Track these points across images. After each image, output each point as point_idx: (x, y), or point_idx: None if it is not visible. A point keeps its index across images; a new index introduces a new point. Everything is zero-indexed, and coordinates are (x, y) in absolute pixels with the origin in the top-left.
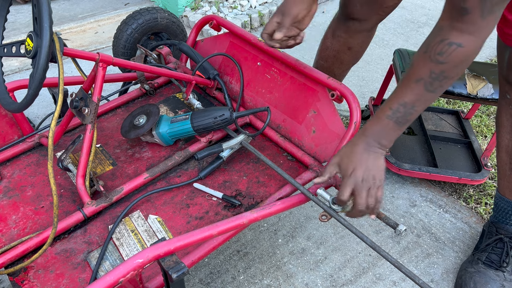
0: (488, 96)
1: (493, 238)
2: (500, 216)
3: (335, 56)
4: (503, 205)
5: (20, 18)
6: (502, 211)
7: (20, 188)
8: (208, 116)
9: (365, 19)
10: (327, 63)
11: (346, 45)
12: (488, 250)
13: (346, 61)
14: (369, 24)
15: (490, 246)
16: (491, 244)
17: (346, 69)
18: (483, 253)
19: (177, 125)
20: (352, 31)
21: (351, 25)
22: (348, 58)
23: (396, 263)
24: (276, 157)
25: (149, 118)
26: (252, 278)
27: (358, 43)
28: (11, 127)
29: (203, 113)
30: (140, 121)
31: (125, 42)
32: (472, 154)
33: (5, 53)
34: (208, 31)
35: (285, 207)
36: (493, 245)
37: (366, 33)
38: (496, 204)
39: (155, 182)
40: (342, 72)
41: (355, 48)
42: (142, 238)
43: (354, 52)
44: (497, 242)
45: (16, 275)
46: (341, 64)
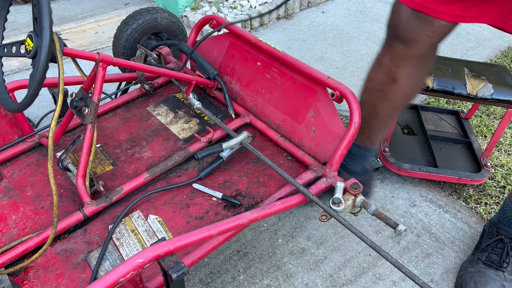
0: (488, 96)
1: (494, 238)
2: (503, 220)
3: (379, 89)
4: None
5: (20, 18)
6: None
7: (20, 188)
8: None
9: (411, 40)
10: (370, 97)
11: (390, 75)
12: (488, 250)
13: (392, 98)
14: (418, 49)
15: (491, 246)
16: (491, 244)
17: (392, 106)
18: (483, 253)
19: None
20: (398, 57)
21: (396, 49)
22: (394, 93)
23: (396, 263)
24: (276, 157)
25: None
26: (252, 278)
27: (406, 74)
28: (11, 127)
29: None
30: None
31: (125, 42)
32: (472, 154)
33: (5, 53)
34: (208, 31)
35: (285, 207)
36: (494, 245)
37: (415, 61)
38: (503, 210)
39: (155, 182)
40: (388, 111)
41: (402, 80)
42: (142, 238)
43: (401, 86)
44: (497, 243)
45: (16, 275)
46: (386, 101)
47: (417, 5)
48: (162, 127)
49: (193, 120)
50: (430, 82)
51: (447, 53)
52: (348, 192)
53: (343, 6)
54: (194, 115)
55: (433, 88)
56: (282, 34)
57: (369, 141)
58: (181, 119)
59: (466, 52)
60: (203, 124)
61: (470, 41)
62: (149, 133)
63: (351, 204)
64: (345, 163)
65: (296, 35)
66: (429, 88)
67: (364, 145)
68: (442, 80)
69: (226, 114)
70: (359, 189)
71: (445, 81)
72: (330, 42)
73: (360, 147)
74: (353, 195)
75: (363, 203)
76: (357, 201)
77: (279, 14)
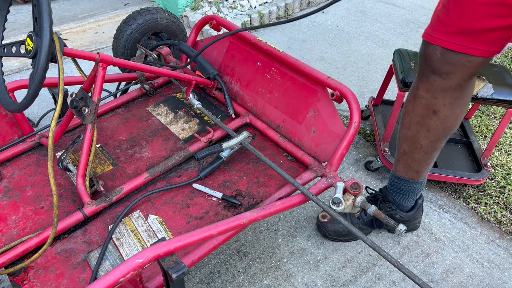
0: (488, 96)
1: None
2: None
3: (419, 122)
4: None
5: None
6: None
7: (20, 188)
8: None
9: (448, 72)
10: (410, 131)
11: (430, 107)
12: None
13: (434, 128)
14: (455, 80)
15: (366, 197)
16: (368, 197)
17: (436, 139)
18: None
19: None
20: (436, 89)
21: (433, 82)
22: (436, 124)
23: (396, 263)
24: (276, 157)
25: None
26: (252, 278)
27: (445, 105)
28: (11, 127)
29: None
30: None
31: (125, 42)
32: (472, 154)
33: (5, 53)
34: (208, 31)
35: (285, 207)
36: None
37: (454, 92)
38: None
39: (155, 182)
40: (431, 143)
41: (442, 111)
42: (142, 238)
43: (442, 117)
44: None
45: (16, 275)
46: (428, 132)
47: (454, 45)
48: (162, 127)
49: (193, 120)
50: None
51: None
52: (348, 192)
53: (343, 6)
54: (194, 115)
55: None
56: (282, 34)
57: (416, 174)
58: (181, 119)
59: None
60: (203, 124)
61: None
62: (149, 133)
63: (351, 204)
64: (396, 199)
65: (296, 35)
66: None
67: (411, 178)
68: None
69: (226, 114)
70: (359, 189)
71: None
72: (330, 42)
73: (408, 181)
74: (353, 195)
75: (363, 203)
76: (357, 201)
77: (279, 14)
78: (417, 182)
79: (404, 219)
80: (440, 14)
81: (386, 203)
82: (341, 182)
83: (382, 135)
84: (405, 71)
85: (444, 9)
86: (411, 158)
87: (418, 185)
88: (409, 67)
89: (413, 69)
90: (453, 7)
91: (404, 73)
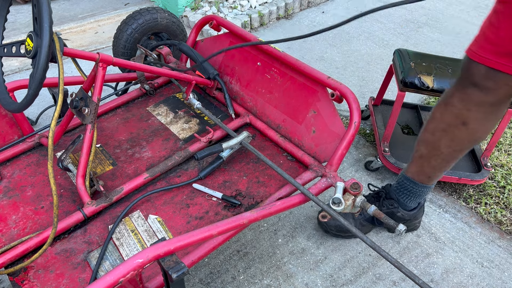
0: None
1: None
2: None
3: (444, 129)
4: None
5: (20, 18)
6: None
7: (20, 188)
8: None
9: (489, 88)
10: (433, 137)
11: (460, 118)
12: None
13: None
14: (494, 97)
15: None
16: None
17: (458, 149)
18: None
19: None
20: (471, 101)
21: (470, 93)
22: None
23: (396, 263)
24: (276, 157)
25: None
26: (252, 278)
27: (477, 119)
28: (11, 127)
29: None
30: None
31: (125, 42)
32: (472, 154)
33: (5, 53)
34: (208, 31)
35: (285, 207)
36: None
37: (489, 108)
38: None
39: (155, 182)
40: (452, 153)
41: (472, 125)
42: (142, 238)
43: (471, 130)
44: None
45: (16, 275)
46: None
47: (501, 66)
48: (162, 127)
49: (193, 120)
50: (430, 82)
51: (447, 53)
52: (348, 192)
53: (343, 6)
54: (194, 115)
55: (433, 88)
56: (282, 34)
57: (427, 179)
58: (181, 119)
59: None
60: (203, 124)
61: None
62: (149, 133)
63: (351, 204)
64: (400, 199)
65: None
66: (429, 88)
67: (421, 182)
68: (442, 80)
69: (226, 114)
70: (359, 189)
71: (445, 81)
72: (330, 42)
73: (417, 184)
74: (353, 195)
75: (363, 203)
76: (357, 201)
77: (279, 14)
78: (426, 187)
79: (405, 217)
80: (488, 32)
81: (389, 200)
82: (341, 182)
83: (382, 135)
84: (405, 71)
85: (493, 28)
86: (427, 162)
87: (426, 190)
88: (409, 67)
89: (413, 69)
90: (505, 28)
91: (404, 73)
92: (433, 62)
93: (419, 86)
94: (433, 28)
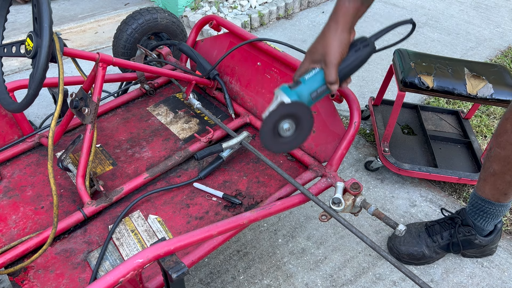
0: (488, 96)
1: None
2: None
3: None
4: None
5: (20, 18)
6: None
7: (20, 188)
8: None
9: None
10: (505, 151)
11: None
12: (439, 221)
13: None
14: None
15: (442, 219)
16: (444, 219)
17: None
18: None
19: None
20: None
21: None
22: None
23: (396, 263)
24: (276, 157)
25: (298, 123)
26: (252, 278)
27: None
28: (11, 127)
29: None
30: (286, 130)
31: (125, 42)
32: (472, 154)
33: (5, 53)
34: (208, 31)
35: (285, 207)
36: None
37: None
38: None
39: (155, 182)
40: None
41: None
42: (142, 238)
43: None
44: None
45: (16, 275)
46: None
47: None
48: (162, 127)
49: (193, 120)
50: (430, 82)
51: (447, 53)
52: (348, 192)
53: None
54: (194, 115)
55: (433, 88)
56: (282, 34)
57: (504, 197)
58: (181, 119)
59: (466, 52)
60: (203, 124)
61: (470, 41)
62: (149, 133)
63: (351, 204)
64: (477, 222)
65: (296, 35)
66: (429, 88)
67: (497, 201)
68: (442, 80)
69: (226, 114)
70: (359, 189)
71: (445, 81)
72: None
73: (492, 204)
74: (353, 195)
75: (363, 203)
76: (357, 201)
77: (279, 14)
78: (503, 205)
79: (482, 244)
80: None
81: (465, 227)
82: (341, 182)
83: (382, 135)
84: (405, 71)
85: None
86: (501, 179)
87: (503, 208)
88: (409, 67)
89: (413, 69)
90: None
91: (404, 73)
92: (433, 62)
93: (419, 86)
94: (433, 28)
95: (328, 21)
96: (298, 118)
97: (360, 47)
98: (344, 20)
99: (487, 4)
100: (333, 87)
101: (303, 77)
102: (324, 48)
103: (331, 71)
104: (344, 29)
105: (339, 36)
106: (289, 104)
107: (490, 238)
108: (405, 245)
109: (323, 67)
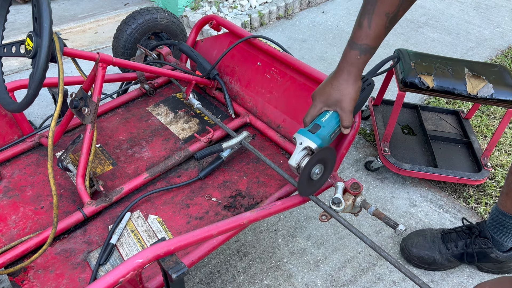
0: (488, 96)
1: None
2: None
3: None
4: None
5: (20, 18)
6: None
7: (20, 188)
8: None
9: None
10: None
11: None
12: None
13: None
14: None
15: (459, 228)
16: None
17: None
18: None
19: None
20: None
21: None
22: None
23: (396, 263)
24: (276, 157)
25: (326, 164)
26: (252, 278)
27: None
28: (11, 127)
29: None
30: (317, 174)
31: (125, 42)
32: (472, 154)
33: (5, 53)
34: (208, 31)
35: (285, 207)
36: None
37: None
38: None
39: (155, 182)
40: None
41: None
42: (142, 238)
43: None
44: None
45: (16, 275)
46: None
47: None
48: (162, 127)
49: (193, 120)
50: (430, 82)
51: (447, 53)
52: (348, 192)
53: (343, 6)
54: (194, 115)
55: (433, 88)
56: (282, 34)
57: None
58: (181, 119)
59: (466, 52)
60: (203, 124)
61: (470, 41)
62: (149, 133)
63: (351, 204)
64: (496, 236)
65: (296, 35)
66: (429, 88)
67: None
68: (442, 80)
69: (226, 114)
70: (359, 189)
71: (445, 81)
72: (330, 42)
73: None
74: (353, 195)
75: (363, 203)
76: (357, 201)
77: (279, 14)
78: None
79: (499, 259)
80: None
81: (482, 239)
82: (341, 182)
83: (382, 135)
84: (405, 71)
85: None
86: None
87: None
88: (409, 67)
89: (413, 69)
90: None
91: (404, 73)
92: (433, 62)
93: (419, 86)
94: (433, 28)
95: (339, 70)
96: (326, 160)
97: (365, 87)
98: (357, 70)
99: (487, 4)
100: (348, 130)
101: (320, 120)
102: (340, 95)
103: (348, 117)
104: (357, 79)
105: (353, 85)
106: (320, 151)
107: (510, 254)
108: (417, 247)
109: (338, 112)
